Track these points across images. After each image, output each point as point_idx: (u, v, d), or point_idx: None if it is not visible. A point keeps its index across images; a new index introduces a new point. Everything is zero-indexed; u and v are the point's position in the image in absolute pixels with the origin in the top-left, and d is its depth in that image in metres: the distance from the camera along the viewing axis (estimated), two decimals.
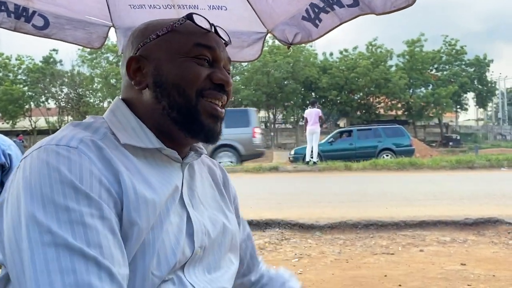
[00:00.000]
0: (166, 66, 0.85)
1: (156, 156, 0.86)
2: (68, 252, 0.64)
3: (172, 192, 0.82)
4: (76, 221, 0.66)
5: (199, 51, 0.86)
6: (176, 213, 0.83)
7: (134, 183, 0.75)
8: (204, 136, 0.87)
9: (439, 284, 3.31)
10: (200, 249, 0.85)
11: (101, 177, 0.72)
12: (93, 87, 32.71)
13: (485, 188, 8.53)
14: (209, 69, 0.87)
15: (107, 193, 0.72)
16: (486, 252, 4.24)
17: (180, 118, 0.85)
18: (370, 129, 18.33)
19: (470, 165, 12.77)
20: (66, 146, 0.72)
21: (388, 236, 4.95)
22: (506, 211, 5.79)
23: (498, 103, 47.64)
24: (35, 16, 2.02)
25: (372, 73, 31.03)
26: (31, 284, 0.62)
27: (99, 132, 0.81)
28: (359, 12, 1.48)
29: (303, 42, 1.79)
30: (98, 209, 0.69)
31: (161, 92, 0.85)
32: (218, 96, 0.87)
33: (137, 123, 0.85)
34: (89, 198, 0.69)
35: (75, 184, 0.68)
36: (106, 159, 0.75)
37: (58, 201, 0.67)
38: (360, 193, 8.16)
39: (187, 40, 0.87)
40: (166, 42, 0.87)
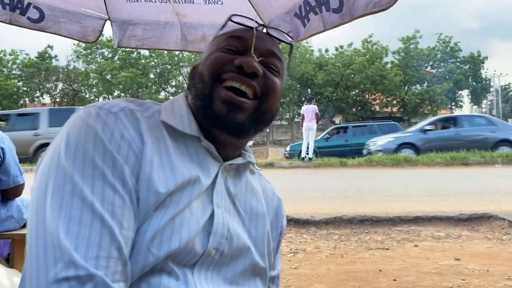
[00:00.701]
0: (201, 62, 0.91)
1: (196, 145, 0.87)
2: (81, 204, 0.68)
3: (192, 180, 0.81)
4: (97, 177, 0.71)
5: (228, 42, 0.89)
6: (198, 205, 0.82)
7: (154, 159, 0.78)
8: (220, 125, 0.84)
9: (433, 279, 3.33)
10: (215, 251, 0.82)
11: (131, 142, 0.76)
12: (88, 82, 32.52)
13: (480, 184, 8.58)
14: (235, 56, 0.86)
15: (134, 158, 0.76)
16: (480, 247, 4.27)
17: (199, 105, 0.86)
18: (365, 125, 18.38)
19: (465, 161, 12.82)
20: (107, 110, 0.78)
21: (383, 231, 4.97)
22: (500, 206, 5.83)
23: (492, 100, 47.86)
24: (30, 9, 2.01)
25: (367, 69, 31.06)
26: (41, 222, 0.68)
27: (148, 111, 0.85)
28: (339, 21, 1.50)
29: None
30: (120, 171, 0.73)
31: (192, 83, 0.90)
32: (236, 77, 0.84)
33: (186, 112, 0.88)
34: (114, 159, 0.73)
35: (105, 144, 0.73)
36: (139, 129, 0.79)
37: (87, 155, 0.72)
38: (355, 189, 8.18)
39: (224, 36, 0.91)
40: (209, 46, 0.93)
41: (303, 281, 3.37)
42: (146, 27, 2.24)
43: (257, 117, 0.87)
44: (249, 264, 0.88)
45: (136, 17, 2.22)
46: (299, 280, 3.39)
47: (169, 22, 2.19)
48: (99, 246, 0.67)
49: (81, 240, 0.66)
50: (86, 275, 0.64)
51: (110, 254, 0.67)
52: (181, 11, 2.13)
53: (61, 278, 0.63)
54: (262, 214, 0.96)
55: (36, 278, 0.65)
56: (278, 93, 0.91)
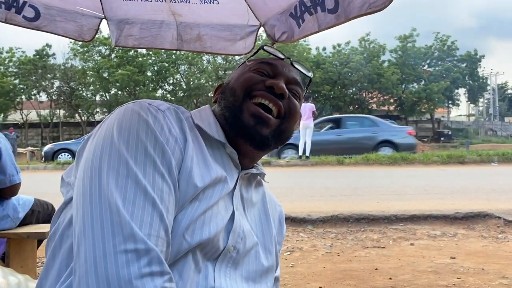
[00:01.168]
0: (232, 79, 1.00)
1: (222, 152, 0.95)
2: (135, 186, 0.74)
3: (222, 178, 0.89)
4: (149, 164, 0.77)
5: (260, 66, 1.00)
6: (224, 204, 0.90)
7: (194, 155, 0.86)
8: (247, 136, 0.94)
9: (429, 277, 3.34)
10: (233, 249, 0.89)
11: (177, 138, 0.84)
12: (85, 80, 32.42)
13: (476, 182, 8.61)
14: (265, 78, 0.98)
15: (179, 152, 0.83)
16: (476, 246, 4.29)
17: (228, 116, 0.95)
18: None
19: (461, 160, 12.87)
20: (156, 107, 0.85)
21: (379, 230, 4.99)
22: (496, 205, 5.85)
23: (489, 99, 48.00)
24: (26, 7, 2.00)
25: (365, 68, 31.10)
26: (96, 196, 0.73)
27: (184, 114, 0.93)
28: (335, 22, 1.50)
29: (286, 41, 1.81)
30: (168, 161, 0.80)
31: (222, 97, 0.99)
32: (267, 96, 0.95)
33: (213, 121, 0.97)
34: (164, 150, 0.80)
35: (156, 135, 0.80)
36: (182, 128, 0.87)
37: (140, 143, 0.78)
38: (351, 188, 8.20)
39: (256, 61, 1.03)
40: (240, 67, 1.04)
41: (299, 279, 3.38)
42: (142, 26, 2.23)
43: (278, 134, 0.98)
44: (259, 264, 0.97)
45: (133, 16, 2.22)
46: (295, 278, 3.40)
47: (165, 22, 2.19)
48: (151, 225, 0.72)
49: (135, 219, 0.71)
50: (145, 249, 0.69)
51: (159, 234, 0.73)
52: (177, 11, 2.13)
53: (120, 250, 0.68)
54: (267, 221, 1.05)
55: (92, 249, 0.68)
56: (298, 116, 1.04)
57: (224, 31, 2.10)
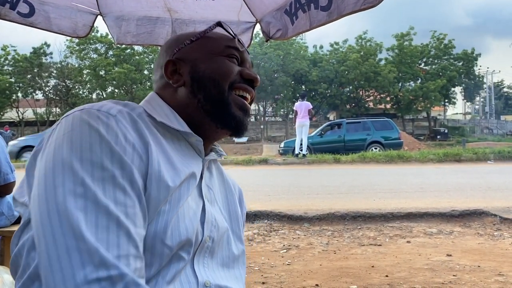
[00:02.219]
0: (202, 63, 0.95)
1: (182, 143, 0.93)
2: (95, 207, 0.69)
3: (190, 175, 0.88)
4: (108, 180, 0.72)
5: (230, 51, 0.98)
6: (193, 198, 0.88)
7: (159, 157, 0.82)
8: (234, 127, 0.95)
9: (425, 275, 3.35)
10: (208, 238, 0.90)
11: (134, 144, 0.78)
12: (82, 78, 32.31)
13: (472, 180, 8.64)
14: (239, 67, 0.99)
15: (139, 159, 0.78)
16: (472, 243, 4.30)
17: (213, 110, 0.93)
18: (359, 122, 18.42)
19: (457, 158, 12.91)
20: (106, 113, 0.79)
21: (375, 227, 4.99)
22: (492, 203, 5.88)
23: (485, 97, 48.14)
24: (21, 3, 1.98)
25: (361, 66, 31.10)
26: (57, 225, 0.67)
27: (136, 111, 0.88)
28: (326, 19, 1.50)
29: (280, 39, 1.80)
30: (129, 172, 0.75)
31: (198, 86, 0.94)
32: (248, 88, 0.98)
33: (170, 111, 0.94)
34: (122, 161, 0.75)
35: (112, 146, 0.75)
36: (139, 131, 0.82)
37: (95, 158, 0.73)
38: (348, 185, 8.21)
39: (219, 43, 0.99)
40: (200, 45, 0.99)
41: (296, 277, 3.37)
42: (138, 23, 2.22)
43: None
44: (231, 249, 0.98)
45: (128, 13, 2.20)
46: (291, 276, 3.40)
47: (160, 18, 2.18)
48: (118, 246, 0.69)
49: (102, 242, 0.67)
50: (118, 274, 0.66)
51: (129, 252, 0.70)
52: (172, 7, 2.12)
53: (93, 280, 0.64)
54: (233, 201, 1.06)
55: (62, 283, 0.64)
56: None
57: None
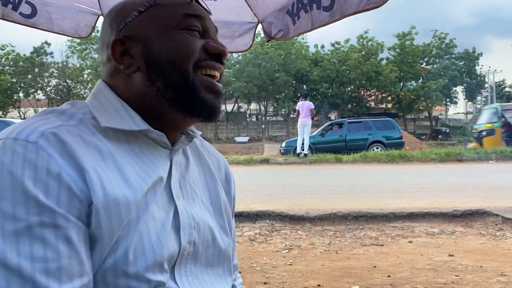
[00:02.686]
0: (156, 42, 0.78)
1: (140, 141, 0.79)
2: (5, 271, 0.59)
3: (153, 184, 0.75)
4: (22, 232, 0.61)
5: (188, 22, 0.80)
6: (160, 206, 0.76)
7: (103, 180, 0.69)
8: (206, 113, 0.80)
9: (427, 275, 3.34)
10: (189, 245, 0.80)
11: (61, 174, 0.65)
12: (83, 78, 32.37)
13: (474, 180, 8.62)
14: (202, 40, 0.82)
15: (67, 193, 0.65)
16: (474, 243, 4.29)
17: (178, 97, 0.78)
18: (360, 121, 18.42)
19: (459, 157, 12.89)
20: (24, 141, 0.66)
21: (377, 227, 4.99)
22: (494, 203, 5.86)
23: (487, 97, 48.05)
24: (23, 4, 1.98)
25: (363, 66, 31.10)
26: None
27: (74, 118, 0.75)
28: (328, 19, 1.49)
29: (281, 39, 1.80)
30: (50, 217, 0.63)
31: (155, 71, 0.78)
32: (215, 66, 0.82)
33: (120, 105, 0.79)
34: (40, 205, 0.62)
35: (27, 189, 0.62)
36: (69, 154, 0.67)
37: (6, 209, 0.62)
38: (350, 185, 8.19)
39: (173, 12, 0.80)
40: (151, 17, 0.80)
41: (298, 277, 3.37)
42: None
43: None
44: (216, 245, 0.87)
45: None
46: (293, 276, 3.40)
47: None
48: None
49: None
50: None
51: None
52: None
53: None
54: (214, 186, 0.93)
55: None
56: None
57: (223, 28, 2.08)
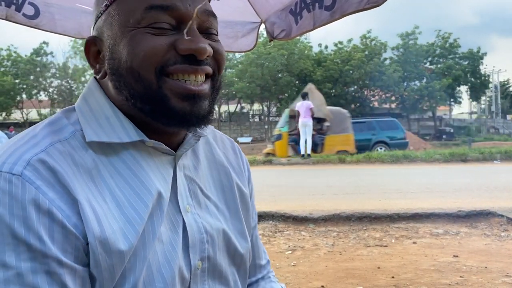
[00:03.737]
0: (118, 45, 0.67)
1: (137, 151, 0.70)
2: None
3: (154, 203, 0.68)
4: (12, 281, 0.56)
5: (152, 17, 0.66)
6: (167, 226, 0.70)
7: (98, 212, 0.62)
8: (182, 123, 0.69)
9: (431, 276, 3.32)
10: (201, 262, 0.74)
11: (51, 210, 0.59)
12: (86, 79, 32.47)
13: (478, 180, 8.58)
14: (172, 37, 0.67)
15: (61, 230, 0.59)
16: (479, 244, 4.27)
17: (148, 108, 0.68)
18: (364, 122, 18.37)
19: (463, 158, 12.83)
20: (8, 174, 0.59)
21: (381, 228, 4.97)
22: (499, 203, 5.83)
23: (491, 97, 47.89)
24: (26, 4, 1.98)
25: (366, 66, 31.06)
26: None
27: (65, 131, 0.67)
28: (329, 19, 1.48)
29: (284, 39, 1.79)
30: (43, 262, 0.58)
31: (118, 80, 0.68)
32: (188, 69, 0.67)
33: (112, 111, 0.70)
34: (31, 249, 0.57)
35: (15, 232, 0.57)
36: (61, 184, 0.61)
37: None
38: (353, 186, 8.17)
39: (136, 5, 0.67)
40: (115, 13, 0.68)
41: (301, 278, 3.36)
42: None
43: (215, 96, 0.75)
44: (232, 250, 0.81)
45: None
46: (297, 277, 3.38)
47: None
48: None
49: None
50: None
51: None
52: None
53: None
54: (230, 184, 0.85)
55: None
56: (225, 58, 0.76)
57: (226, 28, 2.08)
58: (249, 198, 0.89)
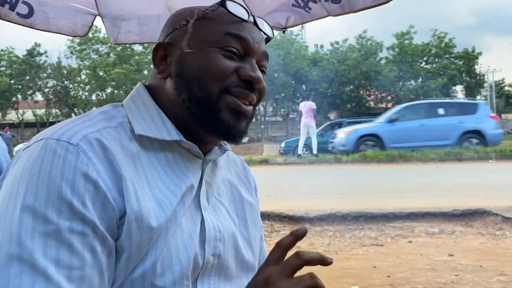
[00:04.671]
0: (190, 55, 0.78)
1: (174, 149, 0.80)
2: (32, 272, 0.59)
3: (183, 193, 0.76)
4: (51, 235, 0.61)
5: (227, 42, 0.78)
6: (188, 217, 0.77)
7: (137, 190, 0.70)
8: (223, 134, 0.80)
9: (427, 275, 3.33)
10: (213, 258, 0.79)
11: (97, 181, 0.66)
12: (81, 79, 32.38)
13: (473, 179, 8.62)
14: (238, 63, 0.79)
15: (103, 200, 0.66)
16: (474, 243, 4.28)
17: (199, 113, 0.78)
18: (360, 121, 18.40)
19: (459, 157, 12.87)
20: (66, 143, 0.67)
21: (377, 227, 4.98)
22: (494, 202, 5.85)
23: (486, 96, 48.08)
24: (19, 4, 1.97)
25: (362, 65, 31.10)
26: None
27: (115, 120, 0.76)
28: (340, 11, 1.47)
29: (297, 24, 1.74)
30: (80, 224, 0.63)
31: (182, 83, 0.79)
32: (244, 95, 0.79)
33: (156, 112, 0.80)
34: (72, 211, 0.63)
35: (62, 192, 0.63)
36: (110, 160, 0.69)
37: (38, 209, 0.62)
38: (349, 185, 8.19)
39: (217, 29, 0.79)
40: (196, 29, 0.80)
41: None
42: (140, 22, 2.20)
43: (251, 120, 0.86)
44: (241, 255, 0.87)
45: (128, 12, 2.19)
46: None
47: (161, 16, 2.16)
48: None
49: None
50: None
51: None
52: (172, 5, 2.10)
53: None
54: (240, 195, 0.94)
55: None
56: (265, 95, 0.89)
57: None
58: (257, 211, 0.98)
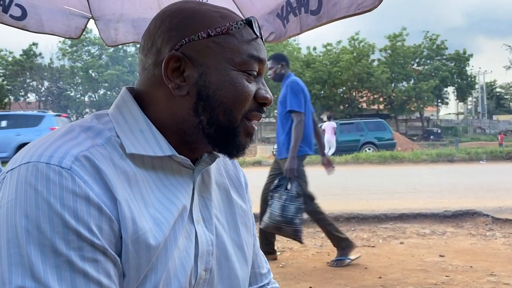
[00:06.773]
0: (215, 77, 0.73)
1: (165, 163, 0.76)
2: None
3: (180, 212, 0.74)
4: (63, 266, 0.59)
5: (250, 65, 0.75)
6: (184, 234, 0.74)
7: (133, 212, 0.67)
8: (236, 153, 0.79)
9: (418, 276, 3.36)
10: (205, 272, 0.78)
11: (100, 204, 0.63)
12: (74, 81, 32.19)
13: (464, 180, 8.69)
14: (255, 85, 0.77)
15: (108, 223, 0.64)
16: (464, 244, 4.32)
17: (215, 136, 0.75)
18: (352, 123, 18.50)
19: (450, 158, 12.98)
20: (58, 167, 0.62)
21: (369, 229, 5.01)
22: (484, 203, 5.91)
23: (477, 97, 48.44)
24: (12, 6, 1.97)
25: (354, 67, 31.23)
26: None
27: (102, 136, 0.71)
28: (315, 23, 1.48)
29: (274, 41, 1.80)
30: (91, 250, 0.61)
31: (204, 106, 0.74)
32: (258, 118, 0.79)
33: (146, 126, 0.75)
34: (81, 238, 0.60)
35: (66, 222, 0.60)
36: (104, 181, 0.65)
37: (45, 241, 0.59)
38: (341, 187, 8.22)
39: (242, 49, 0.75)
40: (218, 47, 0.74)
41: (290, 279, 3.37)
42: (134, 24, 2.21)
43: None
44: (231, 265, 0.84)
45: (121, 15, 2.19)
46: (285, 278, 3.40)
47: None
48: None
49: None
50: None
51: None
52: None
53: None
54: (229, 199, 0.90)
55: None
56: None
57: None
58: (248, 213, 0.94)
